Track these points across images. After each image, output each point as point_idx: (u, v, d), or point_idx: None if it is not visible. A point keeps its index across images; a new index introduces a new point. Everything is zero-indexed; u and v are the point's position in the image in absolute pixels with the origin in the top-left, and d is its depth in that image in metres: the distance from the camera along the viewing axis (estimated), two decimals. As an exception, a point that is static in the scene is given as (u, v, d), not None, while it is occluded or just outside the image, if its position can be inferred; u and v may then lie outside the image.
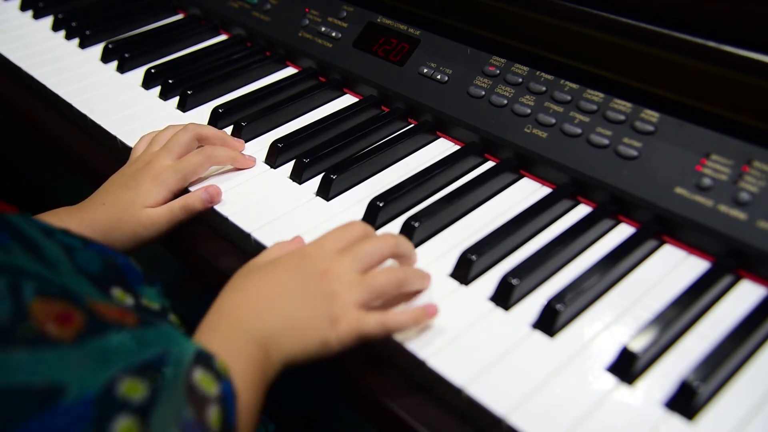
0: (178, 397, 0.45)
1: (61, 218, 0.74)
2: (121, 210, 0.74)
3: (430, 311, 0.60)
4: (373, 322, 0.58)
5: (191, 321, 0.93)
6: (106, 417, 0.42)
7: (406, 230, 0.70)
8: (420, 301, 0.64)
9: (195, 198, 0.76)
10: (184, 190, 0.79)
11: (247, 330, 0.55)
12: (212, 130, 0.83)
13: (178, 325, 0.60)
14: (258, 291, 0.58)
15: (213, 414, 0.47)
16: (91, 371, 0.43)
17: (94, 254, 0.54)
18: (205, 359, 0.49)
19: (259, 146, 0.87)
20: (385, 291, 0.60)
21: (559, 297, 0.61)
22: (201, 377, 0.48)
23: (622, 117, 0.74)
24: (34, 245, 0.49)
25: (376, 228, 0.73)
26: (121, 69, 1.05)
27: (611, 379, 0.56)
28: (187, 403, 0.45)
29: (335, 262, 0.59)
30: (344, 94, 0.98)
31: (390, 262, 0.64)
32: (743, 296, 0.63)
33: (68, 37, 1.15)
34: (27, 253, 0.47)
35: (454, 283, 0.66)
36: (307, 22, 1.02)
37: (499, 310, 0.63)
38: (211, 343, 0.53)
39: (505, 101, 0.81)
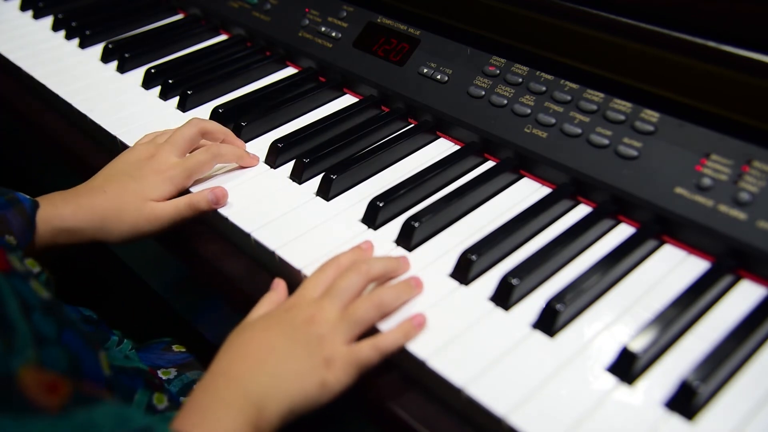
0: None
1: (55, 204, 0.73)
2: (124, 200, 0.74)
3: (418, 321, 0.61)
4: (366, 349, 0.59)
5: (191, 322, 0.93)
6: None
7: (406, 230, 0.70)
8: (419, 302, 0.64)
9: (201, 198, 0.76)
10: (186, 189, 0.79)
11: (239, 388, 0.56)
12: (216, 125, 0.83)
13: None
14: (247, 349, 0.59)
15: None
16: None
17: (62, 354, 0.51)
18: None
19: (259, 146, 0.87)
20: (367, 319, 0.61)
21: (559, 297, 0.61)
22: None
23: (622, 117, 0.74)
24: (6, 324, 0.47)
25: (376, 228, 0.73)
26: (121, 69, 1.05)
27: (611, 379, 0.56)
28: None
29: (317, 308, 0.61)
30: (344, 94, 0.97)
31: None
32: (743, 296, 0.63)
33: (68, 37, 1.15)
34: None
35: (454, 283, 0.66)
36: (307, 22, 1.02)
37: (499, 310, 0.63)
38: (202, 400, 0.54)
39: (505, 101, 0.81)
